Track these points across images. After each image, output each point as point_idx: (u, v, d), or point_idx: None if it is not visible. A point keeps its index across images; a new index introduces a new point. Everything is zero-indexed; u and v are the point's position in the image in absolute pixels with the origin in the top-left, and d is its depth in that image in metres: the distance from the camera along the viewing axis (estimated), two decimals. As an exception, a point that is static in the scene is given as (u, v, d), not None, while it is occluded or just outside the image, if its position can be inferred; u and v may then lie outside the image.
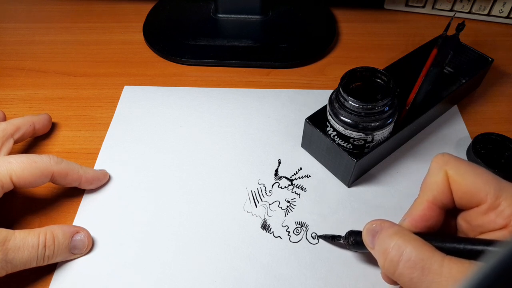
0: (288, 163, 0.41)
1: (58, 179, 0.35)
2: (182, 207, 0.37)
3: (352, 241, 0.32)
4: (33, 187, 0.34)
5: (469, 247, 0.24)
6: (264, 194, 0.38)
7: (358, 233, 0.32)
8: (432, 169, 0.27)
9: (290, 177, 0.40)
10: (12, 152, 0.37)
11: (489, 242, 0.23)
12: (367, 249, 0.31)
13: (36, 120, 0.41)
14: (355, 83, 0.36)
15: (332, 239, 0.35)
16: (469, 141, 0.42)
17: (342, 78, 0.35)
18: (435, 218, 0.26)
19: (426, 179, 0.27)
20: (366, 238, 0.28)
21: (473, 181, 0.25)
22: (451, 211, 0.28)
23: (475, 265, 0.23)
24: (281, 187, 0.39)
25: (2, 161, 0.32)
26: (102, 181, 0.39)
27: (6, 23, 0.59)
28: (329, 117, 0.37)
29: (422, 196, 0.27)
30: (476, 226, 0.25)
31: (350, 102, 0.34)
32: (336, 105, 0.36)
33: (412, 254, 0.23)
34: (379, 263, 0.26)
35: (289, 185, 0.39)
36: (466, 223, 0.27)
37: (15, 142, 0.38)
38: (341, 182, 0.39)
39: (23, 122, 0.40)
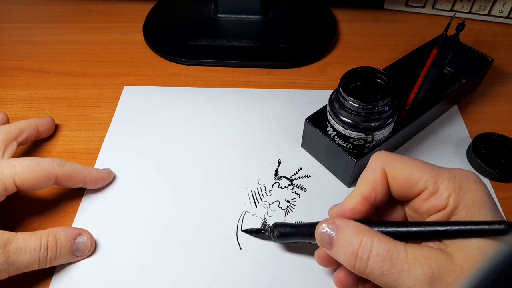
0: (288, 163, 0.41)
1: (63, 182, 0.35)
2: (182, 207, 0.37)
3: (277, 233, 0.32)
4: (37, 190, 0.34)
5: (404, 229, 0.26)
6: (264, 194, 0.38)
7: (283, 225, 0.33)
8: (370, 166, 0.28)
9: (290, 177, 0.40)
10: (15, 154, 0.37)
11: (425, 223, 0.25)
12: (292, 240, 0.33)
13: (40, 123, 0.41)
14: (355, 83, 0.36)
15: (257, 232, 0.35)
16: (469, 141, 0.42)
17: (342, 78, 0.35)
18: (363, 214, 0.27)
19: (364, 175, 0.28)
20: (321, 240, 0.27)
21: (410, 173, 0.26)
22: (390, 205, 0.29)
23: (433, 248, 0.24)
24: (281, 187, 0.39)
25: (6, 164, 0.32)
26: (107, 180, 0.39)
27: (6, 23, 0.59)
28: (329, 117, 0.37)
29: (357, 190, 0.28)
30: (422, 213, 0.27)
31: (350, 102, 0.34)
32: (336, 105, 0.36)
33: (379, 248, 0.24)
34: (346, 263, 0.26)
35: (289, 185, 0.39)
36: (414, 212, 0.28)
37: (19, 145, 0.38)
38: (341, 182, 0.39)
39: (27, 125, 0.39)
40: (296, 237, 0.32)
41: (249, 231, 0.36)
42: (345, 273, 0.28)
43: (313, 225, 0.29)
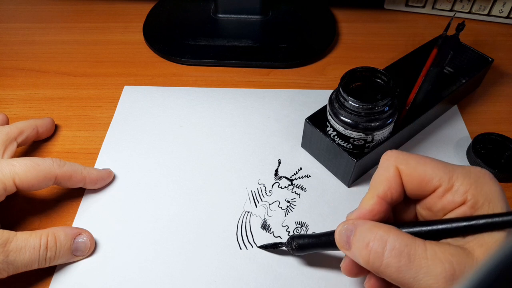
0: (288, 163, 0.41)
1: (62, 182, 0.35)
2: (182, 207, 0.37)
3: (296, 245, 0.31)
4: (36, 190, 0.34)
5: (436, 227, 0.25)
6: (264, 194, 0.38)
7: (300, 237, 0.31)
8: (383, 166, 0.27)
9: (290, 177, 0.40)
10: (15, 155, 0.37)
11: (452, 220, 0.24)
12: (311, 251, 0.31)
13: (40, 124, 0.41)
14: (355, 83, 0.36)
15: (273, 247, 0.34)
16: (469, 141, 0.42)
17: (342, 78, 0.35)
18: (382, 214, 0.27)
19: (376, 175, 0.28)
20: (340, 240, 0.27)
21: (424, 170, 0.26)
22: (402, 205, 0.28)
23: (453, 245, 0.23)
24: (281, 187, 0.39)
25: (5, 164, 0.32)
26: (107, 180, 0.39)
27: (6, 23, 0.59)
28: (329, 117, 0.37)
29: (372, 191, 0.27)
30: (437, 211, 0.26)
31: (350, 102, 0.34)
32: (336, 105, 0.36)
33: (396, 242, 0.23)
34: (361, 260, 0.25)
35: (289, 185, 0.39)
36: (427, 211, 0.27)
37: (19, 145, 0.38)
38: (341, 182, 0.39)
39: (26, 126, 0.39)
40: (315, 247, 0.31)
41: (265, 247, 0.34)
42: (375, 280, 0.27)
43: (332, 233, 0.28)
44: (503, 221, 0.22)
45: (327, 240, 0.29)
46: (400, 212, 0.29)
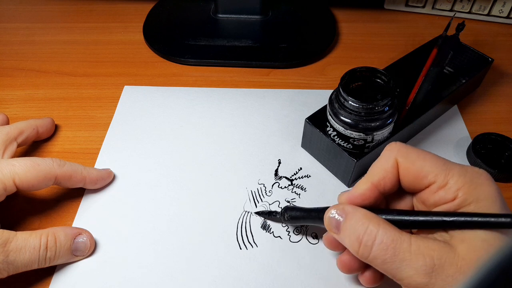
0: (288, 163, 0.41)
1: (62, 182, 0.35)
2: (182, 207, 0.37)
3: (288, 217, 0.34)
4: (36, 190, 0.34)
5: (419, 218, 0.26)
6: (264, 194, 0.38)
7: (293, 209, 0.34)
8: (383, 156, 0.28)
9: (290, 177, 0.40)
10: (14, 155, 0.37)
11: (435, 213, 0.26)
12: (302, 223, 0.35)
13: (40, 124, 0.41)
14: (355, 83, 0.36)
15: (268, 215, 0.37)
16: (469, 141, 0.42)
17: (342, 78, 0.35)
18: (372, 200, 0.28)
19: (376, 163, 0.29)
20: (329, 225, 0.28)
21: (421, 166, 0.27)
22: (400, 195, 0.30)
23: (437, 240, 0.25)
24: (281, 187, 0.39)
25: (5, 164, 0.32)
26: (107, 180, 0.39)
27: (6, 23, 0.59)
28: (329, 117, 0.37)
29: (367, 177, 0.28)
30: (430, 205, 0.27)
31: (350, 102, 0.34)
32: (336, 105, 0.36)
33: (384, 236, 0.25)
34: (350, 248, 0.27)
35: (289, 185, 0.39)
36: (422, 204, 0.28)
37: (19, 145, 0.38)
38: (341, 182, 0.39)
39: (26, 126, 0.39)
40: (305, 220, 0.33)
41: (261, 213, 0.37)
42: (349, 257, 0.29)
43: (322, 210, 0.29)
44: (482, 222, 0.23)
45: (316, 216, 0.31)
46: (396, 200, 0.30)
